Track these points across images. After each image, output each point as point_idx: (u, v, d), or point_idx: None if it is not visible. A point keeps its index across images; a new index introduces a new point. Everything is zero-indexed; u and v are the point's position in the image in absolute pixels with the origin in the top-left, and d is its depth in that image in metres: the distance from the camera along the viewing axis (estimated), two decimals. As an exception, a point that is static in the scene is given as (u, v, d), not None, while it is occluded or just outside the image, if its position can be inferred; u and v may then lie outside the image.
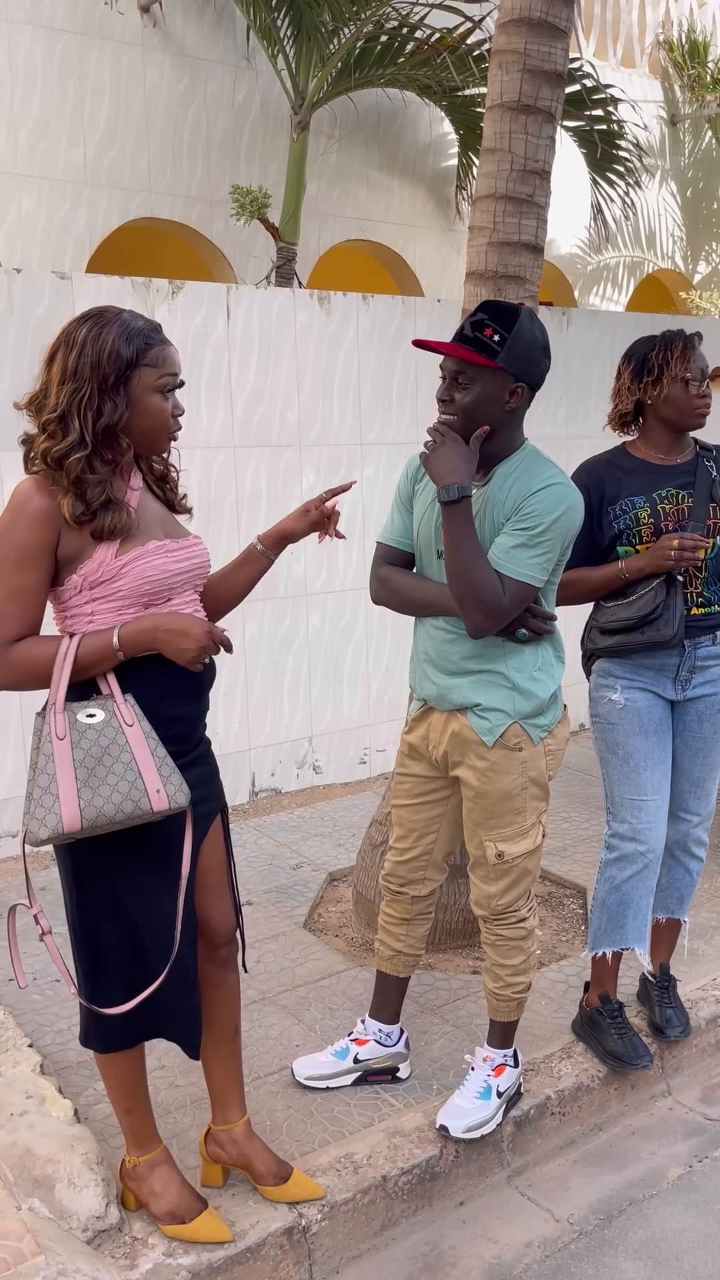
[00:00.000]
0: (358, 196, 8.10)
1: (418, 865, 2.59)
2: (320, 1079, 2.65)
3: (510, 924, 2.48)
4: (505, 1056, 2.58)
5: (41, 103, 6.65)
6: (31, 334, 3.97)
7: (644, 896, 2.72)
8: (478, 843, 2.44)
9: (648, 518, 2.64)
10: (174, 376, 1.99)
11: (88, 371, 1.89)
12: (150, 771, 1.89)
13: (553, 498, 2.22)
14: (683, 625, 2.60)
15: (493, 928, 2.49)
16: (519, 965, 2.50)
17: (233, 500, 4.54)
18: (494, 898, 2.45)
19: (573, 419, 5.57)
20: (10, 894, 3.85)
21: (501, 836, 2.40)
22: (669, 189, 10.19)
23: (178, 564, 2.01)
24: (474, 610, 2.21)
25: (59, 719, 1.88)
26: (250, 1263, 2.16)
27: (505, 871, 2.43)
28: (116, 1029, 2.10)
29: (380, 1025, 2.71)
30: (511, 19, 3.13)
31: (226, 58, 7.35)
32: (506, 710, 2.33)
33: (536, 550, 2.22)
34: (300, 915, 3.64)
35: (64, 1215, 2.15)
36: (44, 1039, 2.89)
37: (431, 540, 2.38)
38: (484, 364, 2.19)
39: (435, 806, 2.54)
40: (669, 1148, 2.67)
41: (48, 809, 1.84)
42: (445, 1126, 2.45)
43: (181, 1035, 2.12)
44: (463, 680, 2.36)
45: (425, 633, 2.44)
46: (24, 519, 1.89)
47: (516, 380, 2.22)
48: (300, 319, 4.66)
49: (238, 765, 4.68)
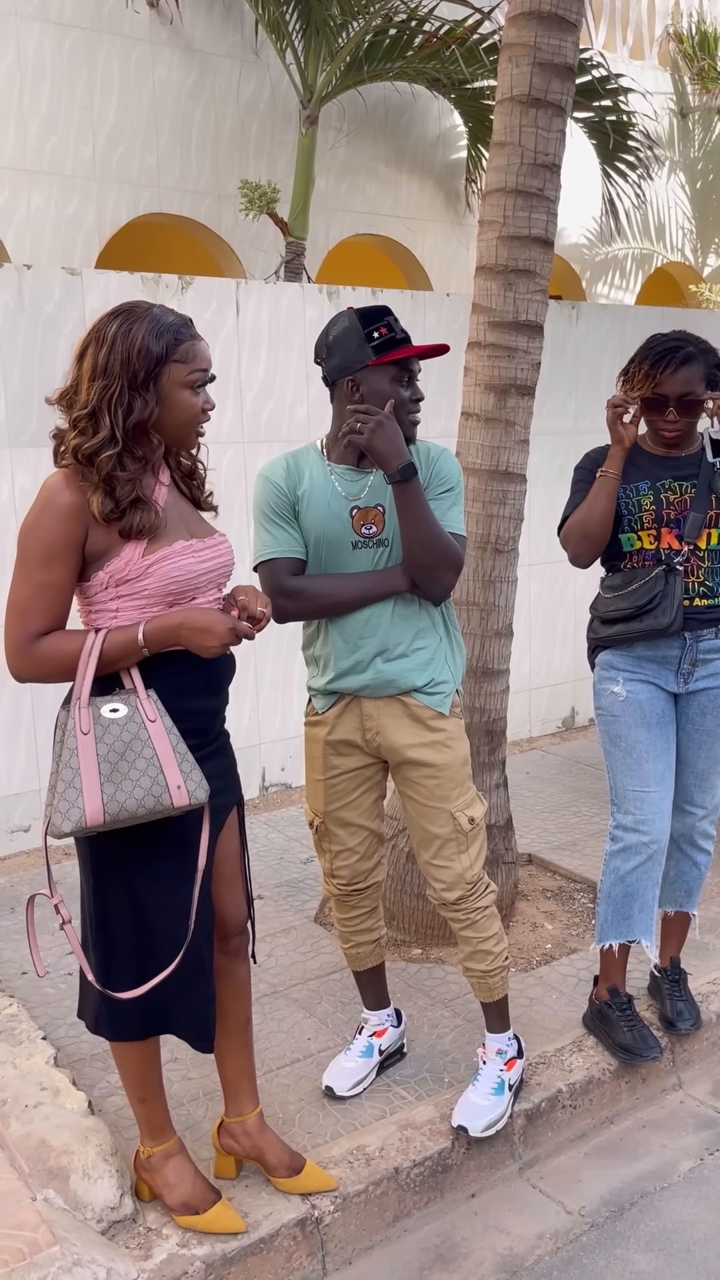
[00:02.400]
0: (366, 190, 8.09)
1: (371, 853, 2.58)
2: (358, 1085, 2.64)
3: (482, 893, 2.48)
4: (511, 1044, 2.59)
5: (51, 98, 6.65)
6: (42, 330, 3.98)
7: (649, 888, 2.72)
8: (446, 818, 2.42)
9: (650, 504, 2.65)
10: (204, 372, 2.00)
11: (118, 368, 1.90)
12: (171, 768, 1.91)
13: (453, 461, 2.44)
14: (680, 614, 2.60)
15: (468, 904, 2.46)
16: (498, 932, 2.52)
17: (243, 496, 4.54)
18: (468, 869, 2.44)
19: (582, 413, 5.56)
20: (23, 888, 3.87)
21: (465, 803, 2.44)
22: (678, 181, 10.15)
23: (203, 564, 2.02)
24: (446, 571, 2.33)
25: (84, 714, 1.89)
26: (263, 1253, 2.18)
27: (475, 837, 2.45)
28: (128, 1018, 2.11)
29: (385, 1011, 2.75)
30: (521, 12, 3.13)
31: (235, 52, 7.35)
32: (449, 679, 2.45)
33: (459, 504, 2.43)
34: (311, 909, 3.65)
35: (79, 1206, 2.17)
36: (57, 1032, 2.91)
37: (344, 534, 2.35)
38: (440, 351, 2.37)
39: (373, 790, 2.55)
40: (680, 1140, 2.68)
41: (71, 803, 1.86)
42: (464, 1127, 2.45)
43: (193, 1029, 2.13)
44: (409, 662, 2.39)
45: (359, 625, 2.37)
46: (52, 514, 1.90)
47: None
48: (309, 314, 4.66)
49: (248, 760, 4.69)
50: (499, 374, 3.26)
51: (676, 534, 2.65)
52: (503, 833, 3.49)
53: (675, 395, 2.58)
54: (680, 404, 2.60)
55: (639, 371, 2.64)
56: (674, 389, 2.58)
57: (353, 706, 2.45)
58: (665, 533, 2.66)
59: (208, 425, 2.12)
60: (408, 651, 2.39)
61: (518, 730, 5.47)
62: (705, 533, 2.65)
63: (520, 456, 3.33)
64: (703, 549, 2.64)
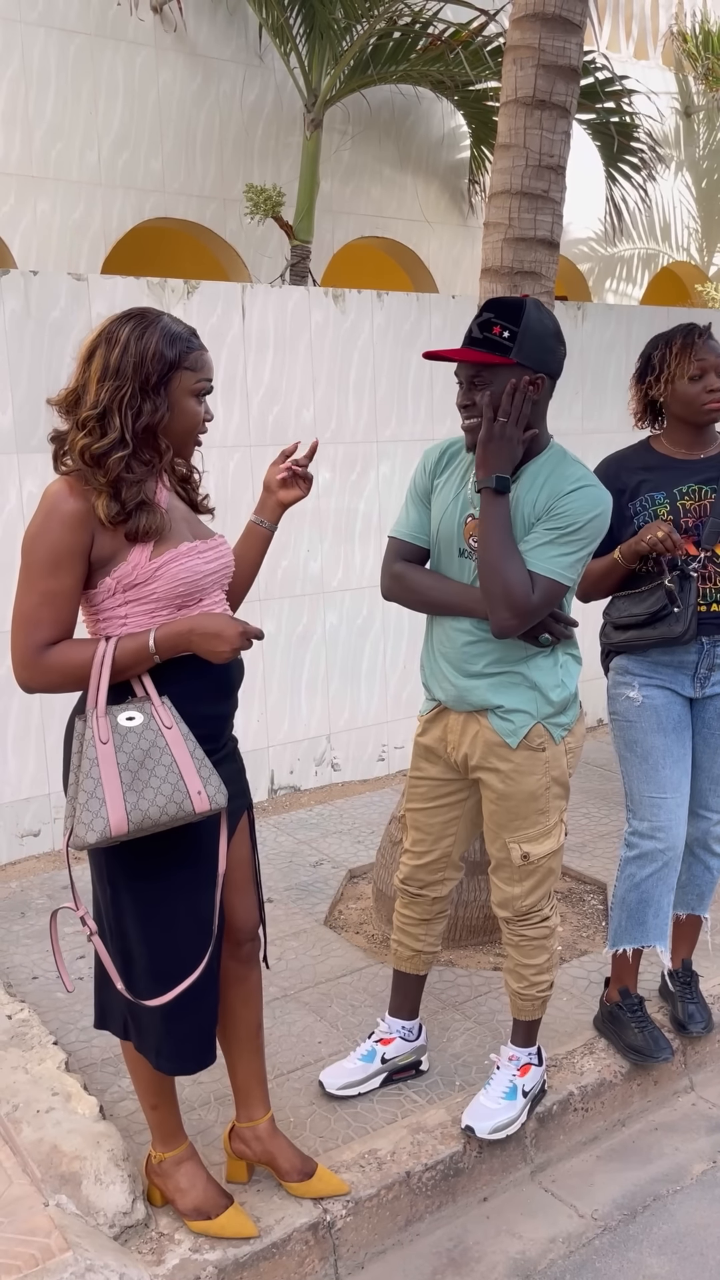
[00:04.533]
0: (371, 193, 8.09)
1: (436, 867, 2.58)
2: (352, 1087, 2.64)
3: (534, 924, 2.47)
4: (530, 1055, 2.58)
5: (55, 104, 6.67)
6: (48, 336, 3.98)
7: (664, 894, 2.71)
8: (501, 845, 2.42)
9: (666, 514, 2.63)
10: (209, 381, 2.01)
11: (130, 370, 1.90)
12: (191, 773, 1.90)
13: (587, 499, 2.20)
14: (694, 622, 2.59)
15: (516, 928, 2.48)
16: (543, 964, 2.50)
17: (249, 499, 4.54)
18: (518, 899, 2.44)
19: (589, 414, 5.56)
20: (33, 893, 3.87)
21: (526, 837, 2.38)
22: (684, 181, 10.13)
23: (208, 565, 2.02)
24: (502, 607, 2.17)
25: (101, 723, 1.88)
26: (276, 1258, 2.18)
27: (530, 872, 2.41)
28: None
29: (402, 1022, 2.71)
30: (525, 14, 3.13)
31: (239, 56, 7.36)
32: (529, 711, 2.32)
33: (567, 549, 2.20)
34: (321, 912, 3.65)
35: (91, 1211, 2.17)
36: (69, 1036, 2.91)
37: (454, 538, 2.33)
38: (499, 362, 2.18)
39: (452, 809, 2.52)
40: (692, 1143, 2.67)
41: (95, 813, 1.84)
42: (471, 1127, 2.44)
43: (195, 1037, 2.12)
44: (481, 682, 2.32)
45: (443, 633, 2.39)
46: (57, 522, 1.89)
47: (535, 371, 2.20)
48: (315, 317, 4.66)
49: (256, 763, 4.69)
50: (505, 376, 3.25)
51: (694, 540, 2.64)
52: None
53: (714, 361, 2.59)
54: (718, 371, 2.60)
55: (669, 352, 2.62)
56: (710, 355, 2.60)
57: (442, 715, 2.44)
58: (683, 540, 2.64)
59: (214, 429, 2.12)
60: (485, 670, 2.32)
61: (526, 732, 5.46)
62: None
63: (527, 458, 3.33)
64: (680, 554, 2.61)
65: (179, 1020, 2.07)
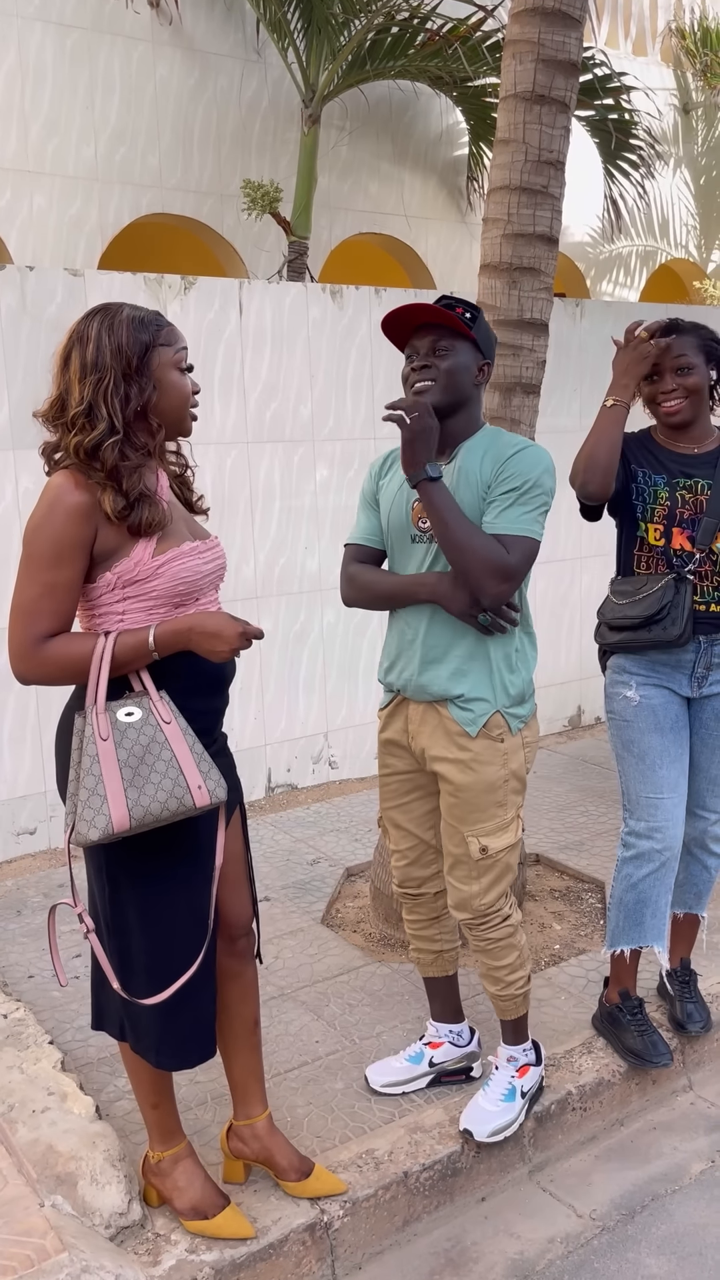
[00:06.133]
0: (369, 189, 8.08)
1: (426, 862, 2.56)
2: (395, 1085, 2.63)
3: (495, 925, 2.42)
4: (527, 1053, 2.57)
5: (52, 99, 6.64)
6: (45, 332, 3.97)
7: (662, 894, 2.70)
8: (459, 839, 2.38)
9: (665, 499, 2.63)
10: (186, 350, 2.03)
11: (109, 360, 1.91)
12: (190, 768, 1.90)
13: (531, 457, 2.25)
14: (690, 624, 2.57)
15: (479, 932, 2.43)
16: (513, 963, 2.46)
17: (247, 496, 4.53)
18: (476, 897, 2.39)
19: (587, 411, 5.54)
20: (29, 891, 3.86)
21: (484, 831, 2.35)
22: (682, 177, 10.12)
23: (207, 565, 2.02)
24: (485, 577, 2.18)
25: (101, 719, 1.88)
26: (273, 1259, 2.17)
27: (488, 868, 2.37)
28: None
29: (449, 1026, 2.69)
30: (525, 8, 3.11)
31: (236, 52, 7.33)
32: (488, 699, 2.31)
33: (527, 506, 2.23)
34: (318, 911, 3.64)
35: (87, 1212, 2.16)
36: (64, 1036, 2.90)
37: (405, 525, 2.36)
38: (463, 331, 2.27)
39: (426, 800, 2.50)
40: (691, 1143, 2.66)
41: (96, 810, 1.84)
42: (469, 1130, 2.43)
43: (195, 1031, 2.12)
44: (442, 670, 2.32)
45: (404, 624, 2.39)
46: (61, 513, 1.88)
47: (484, 357, 2.32)
48: (313, 313, 4.64)
49: (254, 761, 4.68)
50: (504, 372, 3.24)
51: (689, 535, 2.62)
52: (510, 833, 3.48)
53: (668, 362, 2.59)
54: (676, 370, 2.59)
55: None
56: (664, 356, 2.59)
57: (402, 707, 2.44)
58: (677, 532, 2.63)
59: (211, 425, 2.12)
60: (443, 658, 2.32)
61: (524, 730, 5.46)
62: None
63: (526, 455, 3.32)
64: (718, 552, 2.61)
65: (177, 1015, 2.06)
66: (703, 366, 2.62)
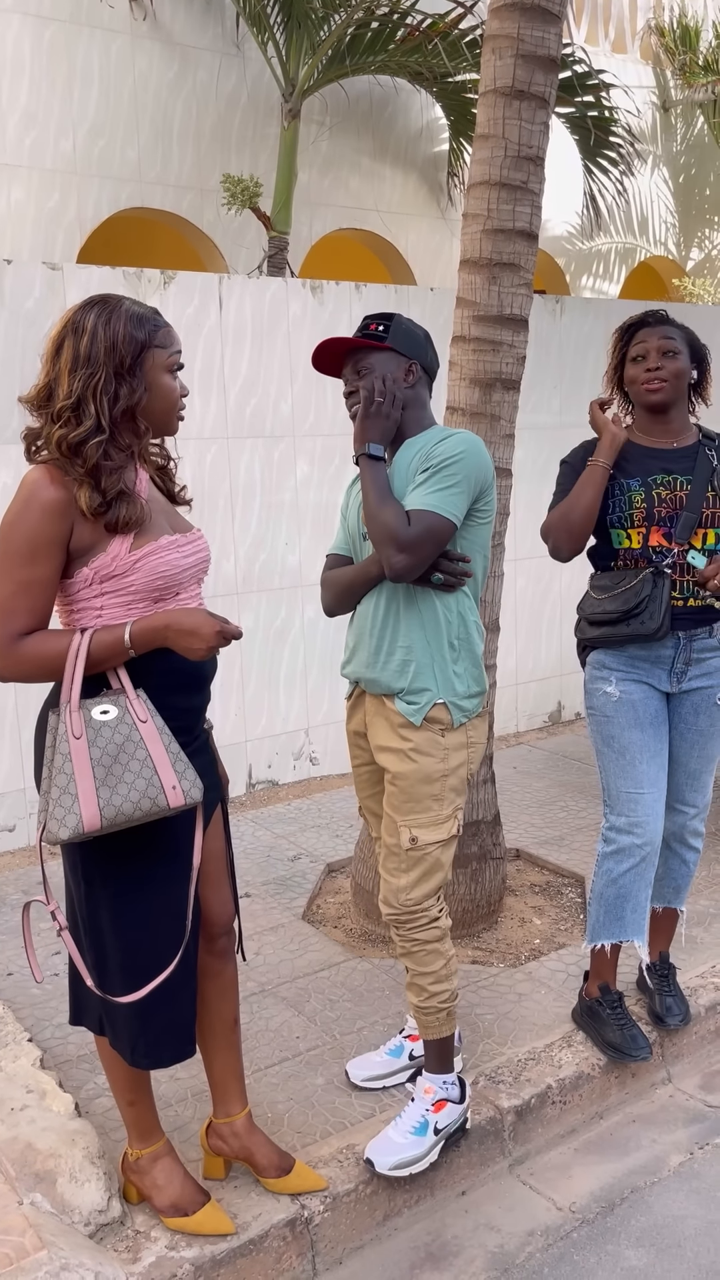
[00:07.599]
0: (349, 184, 8.06)
1: None
2: (376, 1079, 2.62)
3: (422, 925, 2.37)
4: (447, 1087, 2.45)
5: (30, 92, 6.59)
6: (22, 326, 3.94)
7: (642, 889, 2.71)
8: (393, 828, 2.37)
9: (640, 501, 2.63)
10: (180, 354, 2.01)
11: (102, 356, 1.89)
12: (165, 768, 1.88)
13: (454, 441, 2.29)
14: (668, 618, 2.58)
15: (405, 931, 2.39)
16: (439, 971, 2.39)
17: (227, 491, 4.52)
18: (403, 891, 2.36)
19: (567, 408, 5.56)
20: (8, 888, 3.84)
21: (417, 822, 2.34)
22: (661, 175, 10.16)
23: (186, 559, 2.00)
24: (386, 547, 2.22)
25: (75, 717, 1.86)
26: (253, 1254, 2.16)
27: (417, 860, 2.35)
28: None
29: None
30: (504, 4, 3.11)
31: (216, 45, 7.30)
32: (431, 689, 2.32)
33: (439, 484, 2.25)
34: (299, 907, 3.64)
35: (66, 1210, 2.15)
36: (44, 1033, 2.89)
37: (358, 524, 2.43)
38: (375, 346, 2.34)
39: None
40: (670, 1135, 2.67)
41: (67, 809, 1.83)
42: (371, 1161, 2.33)
43: (171, 1031, 2.11)
44: (391, 662, 2.34)
45: (360, 617, 2.43)
46: (37, 509, 1.86)
47: (409, 358, 2.37)
48: (293, 309, 4.63)
49: (234, 757, 4.67)
50: (484, 368, 3.24)
51: (665, 532, 2.63)
52: (490, 828, 3.49)
53: (655, 343, 2.65)
54: (663, 353, 2.64)
55: (619, 337, 2.75)
56: (652, 337, 2.66)
57: (361, 699, 2.48)
58: (654, 531, 2.63)
59: (191, 421, 2.11)
60: (391, 651, 2.35)
61: (504, 725, 5.47)
62: (701, 533, 2.63)
63: (505, 451, 3.32)
64: (699, 549, 2.62)
65: (155, 1014, 2.05)
66: (687, 356, 2.67)
